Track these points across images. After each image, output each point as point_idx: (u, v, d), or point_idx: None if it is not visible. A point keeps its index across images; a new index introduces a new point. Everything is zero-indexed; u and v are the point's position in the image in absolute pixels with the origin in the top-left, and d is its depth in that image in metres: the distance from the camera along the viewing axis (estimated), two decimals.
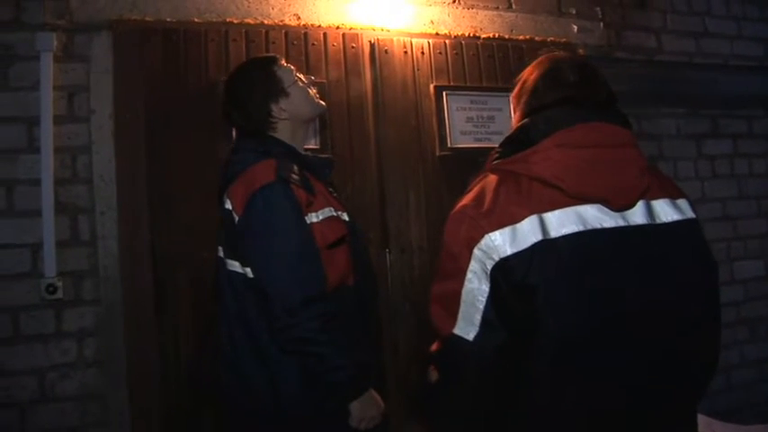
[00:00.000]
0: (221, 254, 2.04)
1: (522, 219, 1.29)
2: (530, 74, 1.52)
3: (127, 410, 2.46)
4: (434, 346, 1.44)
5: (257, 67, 2.10)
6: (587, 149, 1.33)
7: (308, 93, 2.11)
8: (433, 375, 1.49)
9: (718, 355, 1.44)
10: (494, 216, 1.31)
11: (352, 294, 2.00)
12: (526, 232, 1.28)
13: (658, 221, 1.36)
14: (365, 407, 1.90)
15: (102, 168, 2.52)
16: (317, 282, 1.86)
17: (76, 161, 2.53)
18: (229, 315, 1.97)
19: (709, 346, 1.42)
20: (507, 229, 1.28)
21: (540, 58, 1.55)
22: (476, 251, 1.30)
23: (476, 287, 1.30)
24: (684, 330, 1.35)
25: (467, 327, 1.30)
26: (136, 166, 2.53)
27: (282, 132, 2.05)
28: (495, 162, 1.44)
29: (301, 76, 2.12)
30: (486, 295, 1.29)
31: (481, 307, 1.29)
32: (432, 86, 3.07)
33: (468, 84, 3.16)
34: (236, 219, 1.90)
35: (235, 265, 1.95)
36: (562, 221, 1.29)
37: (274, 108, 2.03)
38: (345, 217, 2.07)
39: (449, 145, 3.07)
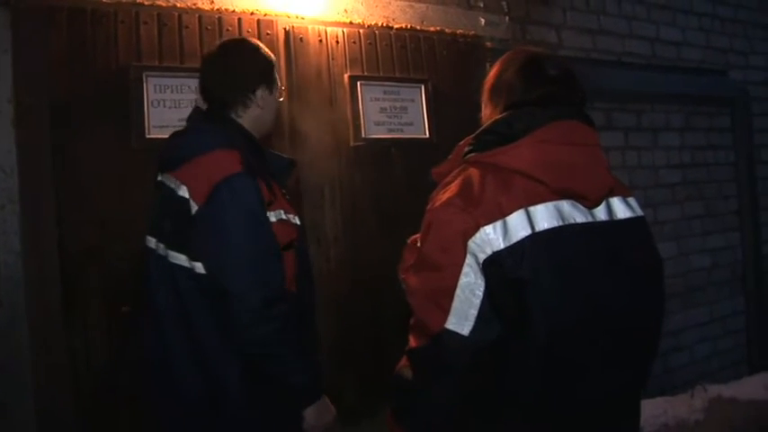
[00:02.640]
0: (153, 245, 1.90)
1: (511, 212, 1.31)
2: (505, 68, 1.53)
3: (33, 421, 2.29)
4: (414, 342, 1.42)
5: (265, 52, 2.05)
6: (566, 147, 1.38)
7: (276, 111, 2.08)
8: (407, 372, 1.47)
9: (660, 340, 1.53)
10: (485, 208, 1.32)
11: (295, 301, 1.92)
12: (516, 226, 1.30)
13: (615, 218, 1.42)
14: (320, 413, 1.86)
15: (1, 159, 2.31)
16: (279, 282, 1.79)
17: None
18: (161, 313, 1.84)
19: (657, 333, 1.51)
20: (499, 223, 1.30)
21: (512, 53, 1.57)
22: (470, 244, 1.31)
23: (472, 281, 1.30)
24: (642, 321, 1.43)
25: (460, 321, 1.30)
26: (40, 155, 2.34)
27: (246, 123, 1.97)
28: (470, 155, 1.44)
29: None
30: (482, 289, 1.30)
31: (477, 302, 1.30)
32: (346, 76, 3.05)
33: (381, 74, 3.16)
34: (195, 208, 1.76)
35: (180, 259, 1.81)
36: (544, 216, 1.32)
37: (260, 92, 1.97)
38: (297, 221, 2.00)
39: (363, 135, 3.06)
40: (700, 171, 4.67)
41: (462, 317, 1.30)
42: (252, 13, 2.84)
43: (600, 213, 1.40)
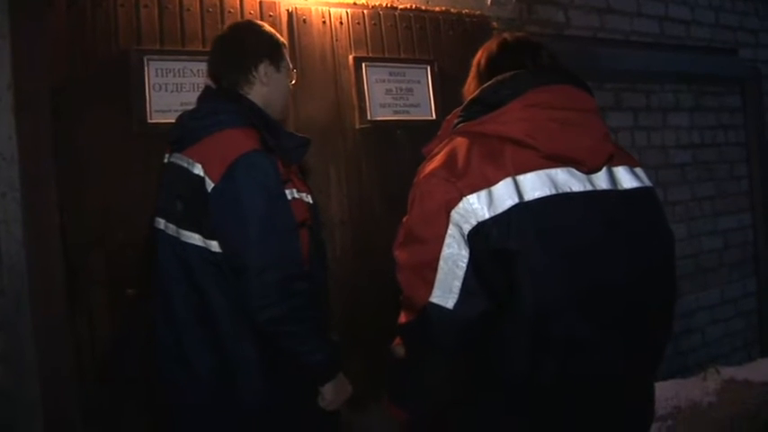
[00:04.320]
0: (163, 226, 1.87)
1: (498, 181, 1.26)
2: (480, 55, 1.58)
3: (39, 409, 2.25)
4: (403, 318, 1.39)
5: (270, 31, 2.02)
6: (558, 111, 1.32)
7: (288, 94, 2.06)
8: (399, 350, 1.45)
9: (673, 320, 1.49)
10: (469, 178, 1.27)
11: (309, 279, 1.89)
12: (502, 195, 1.25)
13: (620, 188, 1.37)
14: (338, 390, 1.87)
15: (1, 146, 2.26)
16: (298, 258, 1.78)
17: None
18: (170, 295, 1.82)
19: (669, 311, 1.46)
20: (483, 192, 1.25)
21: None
22: (453, 215, 1.26)
23: (455, 252, 1.26)
24: (650, 296, 1.37)
25: (445, 294, 1.26)
26: (41, 142, 2.29)
27: (256, 98, 1.93)
28: (459, 125, 1.41)
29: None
30: (466, 261, 1.25)
31: (461, 273, 1.25)
32: (351, 57, 3.00)
33: (386, 55, 3.11)
34: (210, 186, 1.73)
35: (194, 238, 1.78)
36: (535, 184, 1.27)
37: (262, 68, 1.93)
38: (309, 199, 1.98)
39: (368, 118, 3.02)
40: (710, 151, 4.61)
41: (446, 289, 1.26)
42: None
43: (600, 181, 1.34)
